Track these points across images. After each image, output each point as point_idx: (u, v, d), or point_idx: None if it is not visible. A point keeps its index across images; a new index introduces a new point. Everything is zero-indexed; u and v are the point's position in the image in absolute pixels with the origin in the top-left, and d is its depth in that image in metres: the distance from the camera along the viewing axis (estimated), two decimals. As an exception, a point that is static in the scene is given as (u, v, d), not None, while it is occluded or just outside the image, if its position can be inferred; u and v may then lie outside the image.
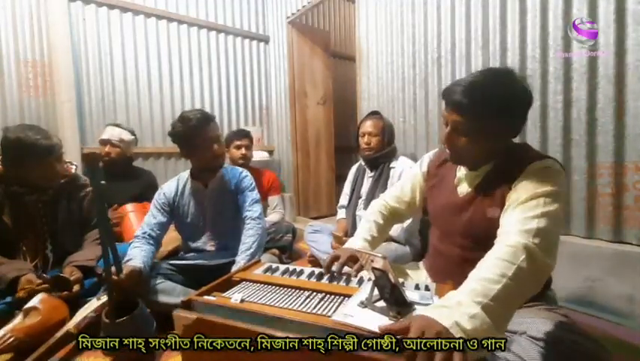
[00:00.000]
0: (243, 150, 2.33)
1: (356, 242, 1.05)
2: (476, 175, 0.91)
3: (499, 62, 1.77)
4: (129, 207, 2.07)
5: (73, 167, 1.62)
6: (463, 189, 0.94)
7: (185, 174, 1.60)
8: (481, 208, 0.87)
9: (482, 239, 0.80)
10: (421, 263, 1.14)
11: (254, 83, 3.60)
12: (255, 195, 1.59)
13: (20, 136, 1.34)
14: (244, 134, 2.39)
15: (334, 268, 0.92)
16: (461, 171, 0.95)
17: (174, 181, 1.60)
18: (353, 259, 0.94)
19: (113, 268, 1.07)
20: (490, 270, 0.64)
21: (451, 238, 0.96)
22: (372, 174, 1.85)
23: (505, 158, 0.87)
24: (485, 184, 0.89)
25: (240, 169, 1.66)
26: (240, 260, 1.38)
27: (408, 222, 1.62)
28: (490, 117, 0.81)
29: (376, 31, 2.50)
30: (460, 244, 0.93)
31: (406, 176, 1.18)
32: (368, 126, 1.81)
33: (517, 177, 0.80)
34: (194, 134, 1.43)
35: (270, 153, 3.66)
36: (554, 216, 0.72)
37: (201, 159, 1.50)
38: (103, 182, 0.96)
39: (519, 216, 0.73)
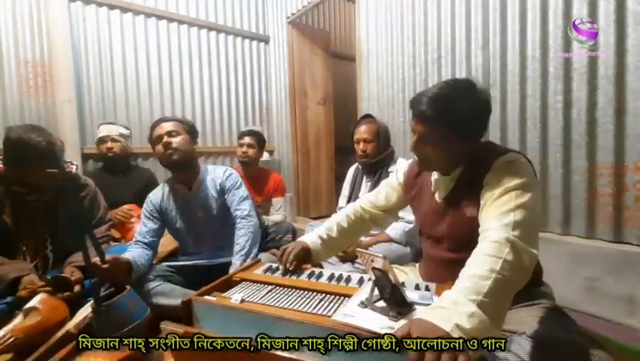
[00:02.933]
0: (244, 148, 2.34)
1: (310, 237, 1.09)
2: (450, 179, 0.95)
3: (499, 62, 1.77)
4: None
5: (74, 167, 1.61)
6: (441, 194, 0.98)
7: (170, 180, 1.59)
8: (460, 210, 0.91)
9: (467, 239, 0.82)
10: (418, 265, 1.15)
11: (254, 83, 3.59)
12: (243, 192, 1.56)
13: (22, 137, 1.33)
14: (245, 133, 2.39)
15: (285, 261, 0.99)
16: (436, 178, 0.99)
17: (160, 188, 1.59)
18: (303, 251, 1.03)
19: (97, 259, 1.08)
20: (479, 267, 0.65)
21: (439, 243, 0.99)
22: (370, 178, 1.83)
23: (473, 159, 0.90)
24: (459, 186, 0.93)
25: (225, 168, 1.63)
26: (236, 261, 1.38)
27: (409, 226, 1.62)
28: (453, 126, 0.85)
29: (376, 31, 2.50)
30: (447, 247, 0.96)
31: (382, 183, 1.22)
32: (362, 132, 1.76)
33: (486, 175, 0.84)
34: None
35: (270, 153, 3.66)
36: (528, 206, 0.75)
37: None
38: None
39: (495, 212, 0.76)
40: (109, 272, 1.11)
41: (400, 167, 1.20)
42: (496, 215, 0.75)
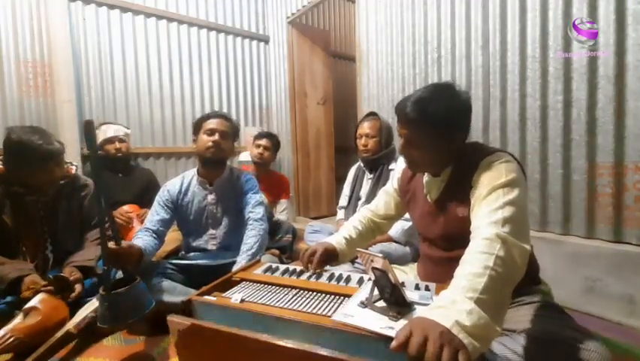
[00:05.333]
0: (260, 150, 2.43)
1: (335, 238, 1.10)
2: (440, 181, 0.97)
3: (499, 62, 1.77)
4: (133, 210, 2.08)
5: (74, 167, 1.61)
6: (433, 195, 1.00)
7: (191, 173, 1.64)
8: (452, 210, 0.92)
9: (461, 238, 0.83)
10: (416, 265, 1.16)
11: (254, 83, 3.60)
12: (259, 197, 1.61)
13: (23, 139, 1.33)
14: (264, 135, 2.50)
15: (307, 262, 0.98)
16: (427, 179, 1.02)
17: (179, 179, 1.63)
18: (328, 252, 1.02)
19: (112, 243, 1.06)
20: (473, 264, 0.66)
21: (434, 243, 1.01)
22: (372, 175, 1.84)
23: (461, 160, 0.92)
24: (450, 187, 0.95)
25: (245, 172, 1.69)
26: (241, 260, 1.38)
27: (408, 224, 1.62)
28: (435, 127, 0.88)
29: (376, 31, 2.50)
30: (443, 247, 0.98)
31: (380, 192, 1.25)
32: (365, 128, 1.80)
33: (474, 174, 0.85)
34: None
35: (270, 153, 3.66)
36: (516, 202, 0.76)
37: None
38: (100, 152, 0.91)
39: (484, 210, 0.77)
40: (122, 258, 1.10)
41: (397, 170, 1.20)
42: (486, 213, 0.76)
